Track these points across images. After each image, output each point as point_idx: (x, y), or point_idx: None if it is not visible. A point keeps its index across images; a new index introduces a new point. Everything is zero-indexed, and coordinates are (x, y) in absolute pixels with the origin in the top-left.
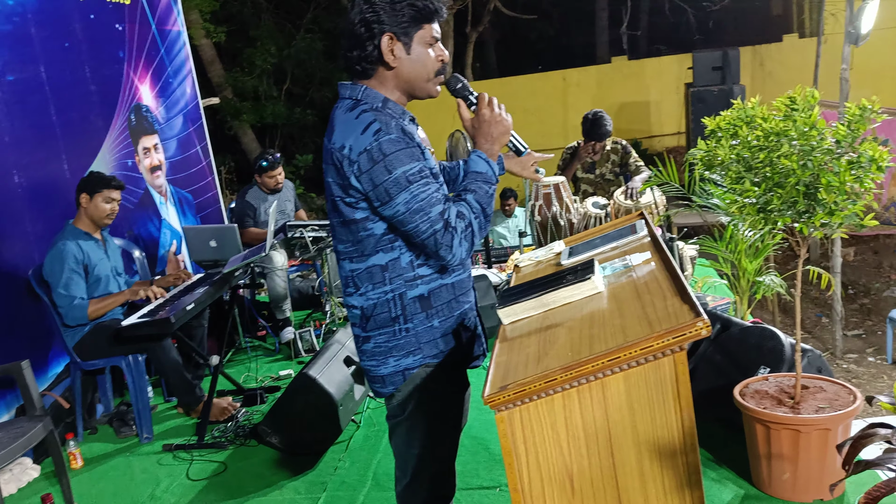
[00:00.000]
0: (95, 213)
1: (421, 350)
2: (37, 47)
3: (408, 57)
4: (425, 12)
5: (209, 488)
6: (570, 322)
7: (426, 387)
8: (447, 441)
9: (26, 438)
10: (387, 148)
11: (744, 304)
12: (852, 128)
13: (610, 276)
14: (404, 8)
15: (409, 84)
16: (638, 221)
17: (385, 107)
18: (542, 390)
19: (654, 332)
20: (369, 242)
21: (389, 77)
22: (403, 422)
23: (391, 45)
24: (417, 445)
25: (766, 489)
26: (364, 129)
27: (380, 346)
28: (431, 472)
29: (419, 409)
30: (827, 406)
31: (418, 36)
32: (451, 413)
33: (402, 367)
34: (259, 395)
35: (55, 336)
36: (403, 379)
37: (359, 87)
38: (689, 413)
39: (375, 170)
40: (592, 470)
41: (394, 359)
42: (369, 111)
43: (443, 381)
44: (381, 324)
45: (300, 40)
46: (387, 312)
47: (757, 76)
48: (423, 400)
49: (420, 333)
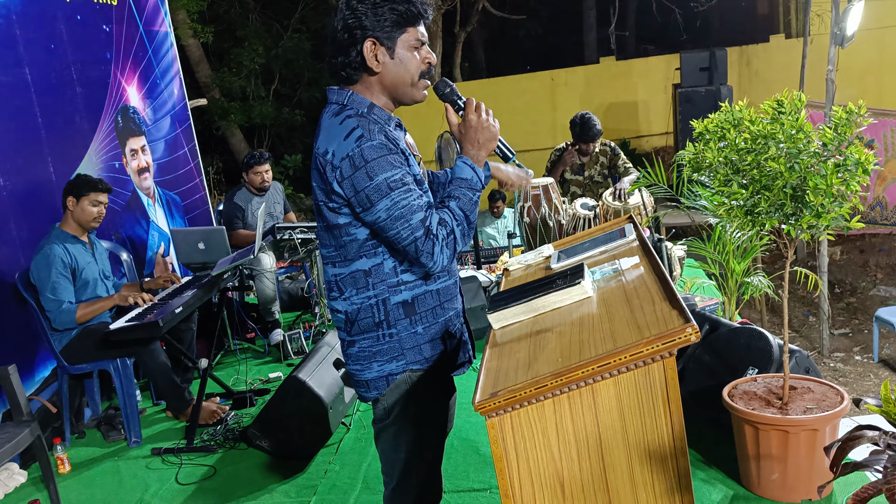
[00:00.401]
0: (82, 216)
1: (404, 356)
2: (21, 49)
3: (391, 61)
4: (408, 16)
5: (199, 492)
6: (559, 327)
7: (410, 392)
8: (433, 445)
9: (13, 444)
10: (368, 154)
11: (732, 304)
12: (839, 131)
13: (599, 281)
14: (386, 12)
15: (394, 89)
16: (627, 225)
17: (371, 112)
18: (532, 396)
19: (643, 337)
20: (352, 247)
21: (374, 82)
22: (389, 426)
23: (374, 51)
24: (404, 450)
25: (755, 490)
26: (347, 135)
27: (364, 350)
28: (418, 475)
29: (404, 414)
30: (815, 407)
31: (402, 40)
32: (436, 418)
33: (386, 373)
34: (248, 398)
35: (41, 340)
36: (387, 384)
37: (345, 92)
38: (679, 418)
39: (357, 176)
40: (583, 475)
41: (377, 364)
42: (353, 116)
43: (427, 386)
44: (364, 329)
45: (288, 40)
46: (370, 318)
47: (744, 76)
48: (407, 405)
49: (404, 339)
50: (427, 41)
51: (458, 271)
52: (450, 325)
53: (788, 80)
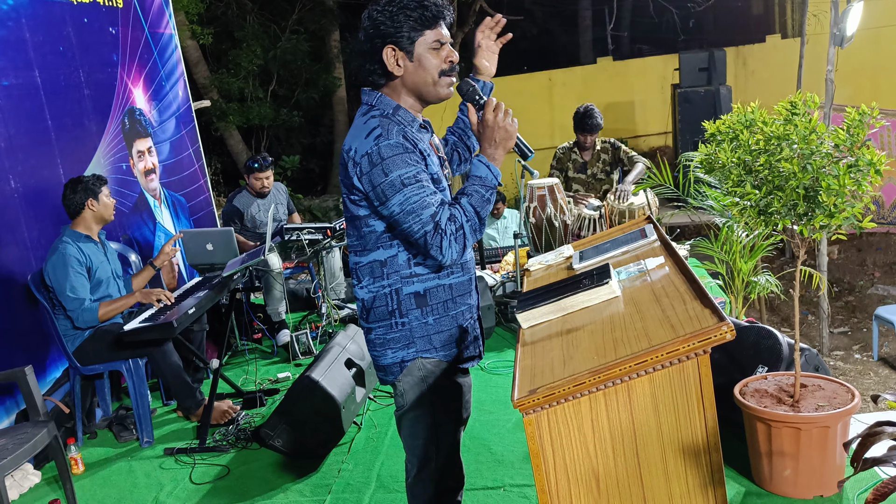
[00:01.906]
0: (105, 211)
1: (415, 344)
2: (31, 52)
3: (411, 64)
4: (423, 20)
5: (214, 492)
6: (590, 326)
7: (423, 378)
8: (449, 431)
9: (32, 444)
10: (385, 152)
11: (738, 303)
12: (852, 132)
13: (625, 281)
14: (402, 19)
15: (417, 90)
16: (647, 226)
17: (395, 114)
18: (570, 394)
19: (678, 335)
20: (371, 238)
21: (398, 85)
22: (407, 413)
23: (394, 56)
24: (421, 436)
25: (767, 486)
26: (367, 134)
27: (379, 337)
28: (437, 461)
29: (419, 401)
30: (826, 404)
31: (420, 42)
32: (450, 404)
33: (399, 359)
34: (258, 397)
35: (53, 341)
36: (401, 370)
37: (375, 94)
38: (713, 414)
39: (374, 172)
40: (618, 470)
41: (391, 350)
42: (377, 117)
43: (438, 374)
44: (379, 316)
45: (286, 41)
46: (384, 306)
47: (740, 76)
48: (421, 391)
49: (414, 328)
50: (449, 41)
51: (474, 269)
52: (461, 320)
53: (785, 80)
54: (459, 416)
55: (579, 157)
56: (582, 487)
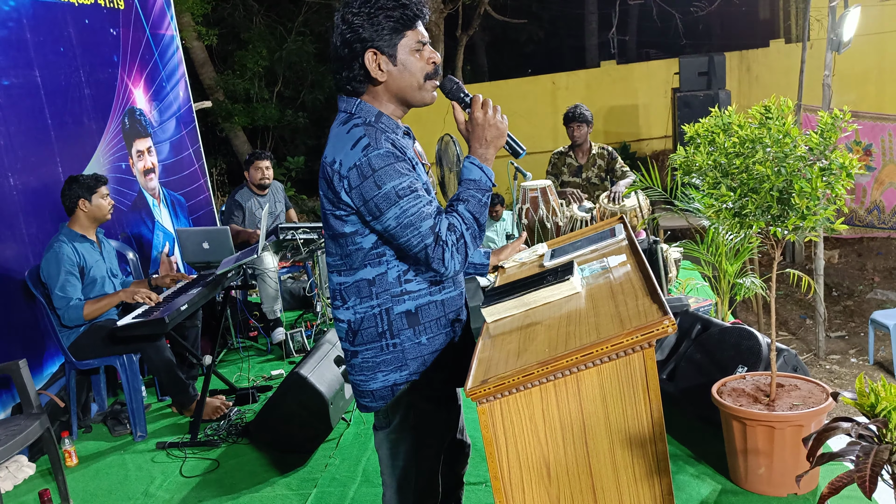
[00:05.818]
0: (98, 212)
1: (408, 366)
2: (32, 52)
3: (395, 68)
4: (404, 20)
5: (202, 485)
6: (548, 320)
7: (412, 403)
8: (431, 456)
9: (23, 436)
10: (376, 163)
11: (724, 305)
12: (824, 136)
13: (588, 277)
14: (382, 20)
15: (402, 95)
16: (617, 225)
17: (378, 121)
18: (520, 384)
19: (624, 329)
20: (357, 256)
21: (381, 91)
22: (389, 434)
23: (376, 61)
24: (402, 458)
25: (743, 484)
26: (353, 144)
27: (367, 360)
28: (416, 484)
29: (404, 424)
30: (801, 403)
31: (402, 45)
32: (436, 430)
33: (391, 383)
34: (251, 394)
35: (50, 336)
36: (392, 394)
37: (354, 101)
38: (658, 405)
39: (365, 185)
40: (568, 459)
41: (382, 374)
42: (361, 125)
43: (428, 397)
44: (367, 339)
45: (291, 43)
46: (373, 327)
47: (744, 81)
48: (407, 416)
49: (407, 350)
50: (428, 41)
51: (463, 283)
52: (454, 337)
53: (788, 84)
54: (444, 440)
55: (574, 161)
56: (534, 475)
